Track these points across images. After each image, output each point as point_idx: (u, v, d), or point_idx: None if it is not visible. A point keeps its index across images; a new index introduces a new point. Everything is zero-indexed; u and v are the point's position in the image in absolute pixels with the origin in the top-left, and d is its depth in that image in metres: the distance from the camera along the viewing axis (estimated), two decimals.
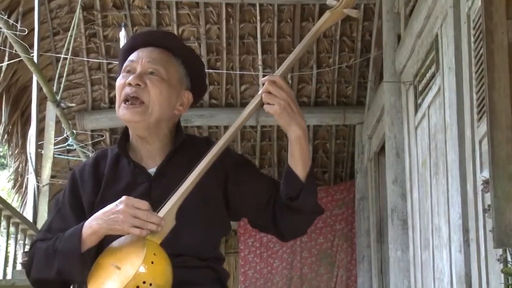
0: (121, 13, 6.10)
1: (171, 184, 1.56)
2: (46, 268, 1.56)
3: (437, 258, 3.71)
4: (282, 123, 1.57)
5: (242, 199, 1.66)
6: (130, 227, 1.46)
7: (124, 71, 1.68)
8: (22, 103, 6.10)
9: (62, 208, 1.67)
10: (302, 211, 1.60)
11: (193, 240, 1.59)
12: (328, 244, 6.88)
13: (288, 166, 1.60)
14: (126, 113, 1.64)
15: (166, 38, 1.75)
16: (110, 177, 1.65)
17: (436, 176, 3.76)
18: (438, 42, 3.72)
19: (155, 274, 1.42)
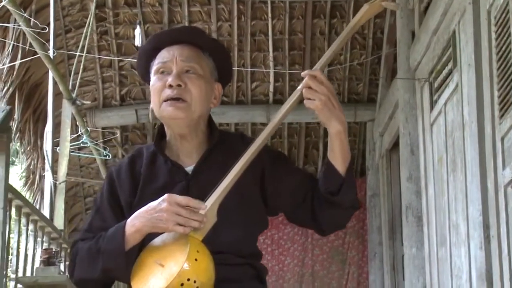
0: (133, 11, 6.10)
1: (209, 182, 1.57)
2: (90, 267, 1.57)
3: (455, 255, 3.71)
4: (322, 118, 1.57)
5: (279, 195, 1.66)
6: (174, 225, 1.47)
7: (158, 73, 1.68)
8: (34, 100, 6.10)
9: (100, 207, 1.67)
10: (342, 205, 1.61)
11: (232, 237, 1.59)
12: (339, 241, 6.87)
13: (328, 161, 1.60)
14: (170, 110, 1.64)
15: (192, 34, 1.75)
16: (147, 176, 1.66)
17: (454, 173, 3.76)
18: (455, 39, 3.71)
19: (199, 271, 1.43)
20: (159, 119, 1.71)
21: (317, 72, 1.56)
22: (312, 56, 6.48)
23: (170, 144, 1.71)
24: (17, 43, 5.28)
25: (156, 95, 1.66)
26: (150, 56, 1.72)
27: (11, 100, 5.67)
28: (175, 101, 1.64)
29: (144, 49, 1.75)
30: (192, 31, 1.80)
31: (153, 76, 1.68)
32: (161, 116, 1.67)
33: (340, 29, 6.35)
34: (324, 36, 6.35)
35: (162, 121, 1.70)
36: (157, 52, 1.70)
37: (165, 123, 1.71)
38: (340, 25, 6.32)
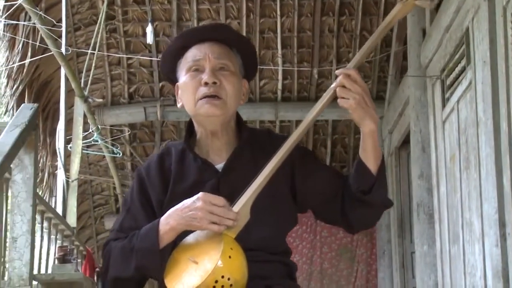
0: (142, 9, 6.10)
1: (238, 179, 1.57)
2: (124, 266, 1.57)
3: (468, 253, 3.70)
4: (355, 117, 1.57)
5: (309, 193, 1.66)
6: (208, 224, 1.47)
7: (190, 71, 1.68)
8: (43, 98, 6.11)
9: (131, 207, 1.67)
10: (373, 204, 1.61)
11: (263, 234, 1.59)
12: (348, 239, 6.87)
13: (360, 159, 1.60)
14: (207, 107, 1.64)
15: (221, 31, 1.75)
16: (177, 174, 1.66)
17: (467, 171, 3.75)
18: (469, 36, 3.70)
19: (233, 269, 1.43)
20: (193, 116, 1.70)
21: (352, 71, 1.56)
22: (321, 53, 6.48)
23: (200, 141, 1.71)
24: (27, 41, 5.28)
25: (190, 93, 1.66)
26: (177, 55, 1.71)
27: (20, 98, 5.68)
28: (212, 99, 1.64)
29: (171, 48, 1.75)
30: (221, 28, 1.80)
31: (184, 75, 1.68)
32: (196, 113, 1.67)
33: (348, 27, 6.35)
34: (333, 33, 6.35)
35: (196, 118, 1.70)
36: (184, 51, 1.70)
37: (197, 121, 1.70)
38: (349, 23, 6.32)
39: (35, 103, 5.97)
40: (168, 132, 7.13)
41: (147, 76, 6.61)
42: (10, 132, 1.94)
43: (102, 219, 7.70)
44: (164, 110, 6.54)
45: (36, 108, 2.13)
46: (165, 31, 6.27)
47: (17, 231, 2.05)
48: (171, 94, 6.66)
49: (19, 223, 2.05)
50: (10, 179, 2.17)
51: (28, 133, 2.06)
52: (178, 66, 1.72)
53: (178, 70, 1.72)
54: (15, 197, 2.09)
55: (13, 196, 2.07)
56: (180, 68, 1.71)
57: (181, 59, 1.71)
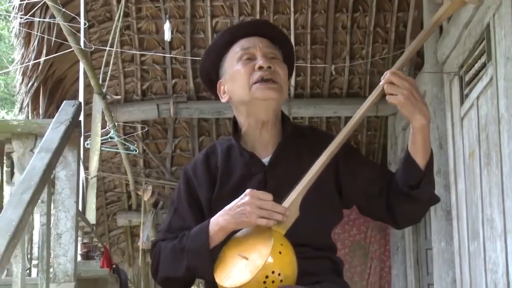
0: (156, 6, 6.10)
1: (284, 174, 1.58)
2: (174, 266, 1.58)
3: (489, 250, 3.70)
4: (405, 112, 1.56)
5: (354, 188, 1.66)
6: (257, 218, 1.47)
7: (241, 59, 1.69)
8: (57, 95, 6.12)
9: (179, 207, 1.68)
10: (420, 200, 1.60)
11: (310, 230, 1.60)
12: (361, 236, 6.87)
13: (409, 154, 1.60)
14: (264, 89, 1.64)
15: (266, 27, 1.77)
16: (224, 170, 1.67)
17: (488, 167, 3.74)
18: (490, 32, 3.69)
19: (283, 264, 1.43)
20: (246, 103, 1.69)
21: (398, 72, 1.56)
22: (334, 50, 6.47)
23: (247, 135, 1.72)
24: (43, 38, 5.29)
25: (244, 79, 1.67)
26: (221, 51, 1.72)
27: (35, 95, 5.69)
28: (267, 82, 1.65)
29: (216, 43, 1.76)
30: (265, 24, 1.81)
31: (235, 64, 1.69)
32: (251, 98, 1.67)
33: (362, 23, 6.34)
34: (346, 30, 6.34)
35: (248, 106, 1.69)
36: (229, 47, 1.71)
37: (249, 109, 1.69)
38: (363, 19, 6.31)
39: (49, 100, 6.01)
40: (181, 129, 7.14)
41: (160, 73, 6.62)
42: (55, 129, 1.94)
43: (115, 216, 7.71)
44: (177, 107, 6.55)
45: (78, 105, 2.13)
46: (178, 28, 6.26)
47: (62, 227, 2.06)
48: (183, 91, 6.67)
49: (63, 220, 2.06)
50: (54, 176, 2.18)
51: (72, 130, 2.06)
52: (223, 62, 1.72)
53: (222, 66, 1.72)
54: (59, 193, 2.10)
55: (57, 193, 2.08)
56: (227, 62, 1.72)
57: (226, 55, 1.72)
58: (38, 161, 1.74)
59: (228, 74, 1.71)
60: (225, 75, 1.72)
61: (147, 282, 7.96)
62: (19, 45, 5.53)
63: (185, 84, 6.63)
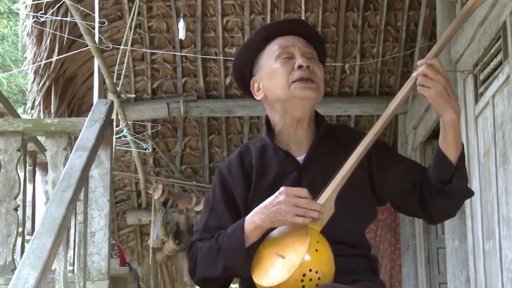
0: (167, 4, 6.10)
1: (319, 171, 1.58)
2: (212, 266, 1.58)
3: (506, 248, 3.69)
4: (436, 106, 1.57)
5: (387, 184, 1.66)
6: (293, 217, 1.47)
7: (280, 58, 1.69)
8: (68, 94, 6.13)
9: (214, 206, 1.68)
10: (454, 195, 1.61)
11: (346, 227, 1.60)
12: (371, 235, 6.86)
13: (440, 150, 1.60)
14: (303, 88, 1.65)
15: (303, 26, 1.79)
16: (259, 169, 1.67)
17: (504, 166, 3.74)
18: (506, 30, 3.68)
19: (320, 262, 1.43)
20: (282, 101, 1.69)
21: (435, 61, 1.57)
22: (345, 49, 6.47)
23: (281, 134, 1.72)
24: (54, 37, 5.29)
25: (283, 77, 1.67)
26: (257, 48, 1.73)
27: (47, 94, 5.70)
28: (307, 82, 1.66)
29: (251, 40, 1.76)
30: (302, 23, 1.83)
31: (274, 62, 1.69)
32: (290, 96, 1.67)
33: (373, 22, 6.34)
34: (357, 29, 6.33)
35: (286, 104, 1.69)
36: (265, 45, 1.71)
37: (286, 107, 1.69)
38: (374, 18, 6.30)
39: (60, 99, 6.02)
40: (191, 128, 7.14)
41: (171, 71, 6.62)
42: (90, 127, 1.95)
43: (124, 215, 7.71)
44: (187, 106, 6.55)
45: (110, 104, 2.14)
46: (189, 26, 6.26)
47: (95, 225, 2.06)
48: (193, 90, 6.67)
49: (97, 218, 2.06)
50: None
51: (106, 129, 2.07)
52: (259, 59, 1.73)
53: (258, 63, 1.73)
54: (92, 192, 2.11)
55: (90, 191, 2.08)
56: (263, 60, 1.72)
57: (262, 53, 1.72)
58: (76, 159, 1.74)
59: (264, 72, 1.71)
60: (260, 72, 1.72)
61: (156, 280, 7.97)
62: (31, 43, 5.53)
63: (195, 82, 6.64)
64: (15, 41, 14.83)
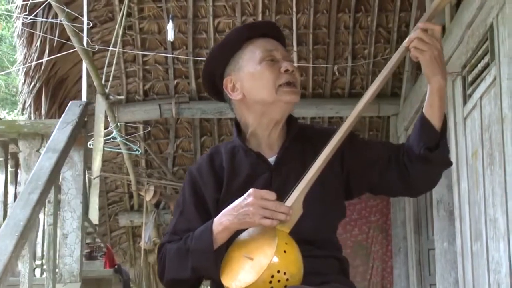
0: (158, 5, 6.10)
1: (290, 172, 1.58)
2: (181, 267, 1.58)
3: (492, 250, 3.69)
4: (427, 71, 1.58)
5: (363, 167, 1.68)
6: (261, 219, 1.47)
7: (264, 60, 1.69)
8: (59, 95, 6.12)
9: (184, 209, 1.68)
10: (438, 161, 1.62)
11: (314, 226, 1.60)
12: (363, 236, 6.87)
13: (424, 117, 1.61)
14: (290, 93, 1.69)
15: (278, 29, 1.79)
16: (230, 171, 1.67)
17: (491, 167, 3.74)
18: (493, 32, 3.69)
19: (288, 263, 1.43)
20: (264, 104, 1.70)
21: (437, 27, 1.58)
22: (336, 50, 6.47)
23: (254, 135, 1.73)
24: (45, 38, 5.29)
25: (270, 80, 1.68)
26: (235, 47, 1.73)
27: (38, 95, 5.69)
28: (293, 86, 1.69)
29: (230, 39, 1.76)
30: (277, 27, 1.85)
31: (257, 64, 1.70)
32: (276, 99, 1.68)
33: (364, 23, 6.34)
34: (349, 30, 6.33)
35: (269, 106, 1.70)
36: (241, 44, 1.71)
37: (266, 109, 1.70)
38: (365, 19, 6.30)
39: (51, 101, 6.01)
40: (183, 129, 7.14)
41: (162, 73, 6.62)
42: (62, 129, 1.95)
43: (116, 216, 7.71)
44: (179, 107, 6.54)
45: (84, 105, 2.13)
46: (180, 28, 6.26)
47: (68, 227, 2.06)
48: (185, 91, 6.67)
49: (69, 220, 2.06)
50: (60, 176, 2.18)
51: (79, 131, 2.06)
52: (236, 58, 1.72)
53: (236, 63, 1.72)
54: (65, 193, 2.10)
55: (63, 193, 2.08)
56: (243, 60, 1.72)
57: (239, 53, 1.72)
58: (45, 161, 1.74)
59: (246, 73, 1.71)
60: (240, 72, 1.72)
61: (148, 282, 7.96)
62: (22, 45, 5.53)
63: (187, 84, 6.63)
64: (13, 42, 14.85)
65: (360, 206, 6.91)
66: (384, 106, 6.67)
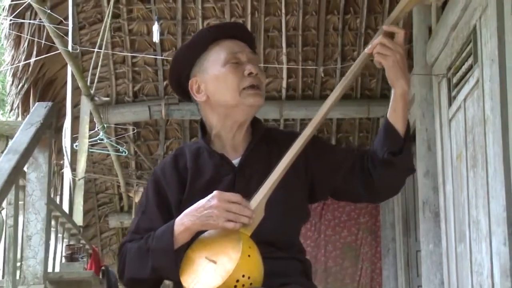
0: (147, 7, 6.09)
1: (254, 175, 1.58)
2: (140, 267, 1.58)
3: (475, 251, 3.70)
4: (391, 76, 1.60)
5: (327, 172, 1.68)
6: (225, 222, 1.47)
7: (230, 62, 1.69)
8: (48, 97, 6.11)
9: (147, 209, 1.68)
10: (402, 166, 1.62)
11: (275, 228, 1.60)
12: (352, 237, 6.88)
13: (389, 122, 1.62)
14: (254, 96, 1.68)
15: (247, 31, 1.79)
16: (194, 172, 1.67)
17: (474, 169, 3.74)
18: (476, 34, 3.69)
19: (252, 267, 1.43)
20: (228, 106, 1.69)
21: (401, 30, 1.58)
22: (326, 52, 6.48)
23: (218, 136, 1.73)
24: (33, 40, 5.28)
25: (233, 83, 1.67)
26: (201, 48, 1.72)
27: (26, 97, 5.68)
28: (257, 89, 1.68)
29: (196, 40, 1.75)
30: (245, 28, 1.84)
31: (222, 66, 1.69)
32: (240, 102, 1.68)
33: (353, 25, 6.35)
34: (338, 32, 6.34)
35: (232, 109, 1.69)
36: (207, 46, 1.71)
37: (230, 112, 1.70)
38: (354, 21, 6.31)
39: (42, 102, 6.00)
40: (173, 131, 7.14)
41: (152, 74, 6.62)
42: (25, 130, 1.94)
43: (106, 218, 7.70)
44: (169, 109, 6.55)
45: (51, 107, 2.13)
46: (170, 29, 6.27)
47: (32, 229, 2.05)
48: (175, 93, 6.65)
49: (34, 222, 2.05)
50: (25, 177, 2.17)
51: (43, 132, 2.06)
52: (201, 60, 1.71)
53: (201, 64, 1.72)
54: (29, 195, 2.09)
55: (27, 195, 2.07)
56: (208, 61, 1.71)
57: (205, 54, 1.71)
58: (5, 163, 1.73)
59: (210, 75, 1.70)
60: (204, 74, 1.71)
61: None
62: (9, 46, 5.52)
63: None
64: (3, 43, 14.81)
65: (350, 207, 6.92)
66: (373, 107, 6.68)
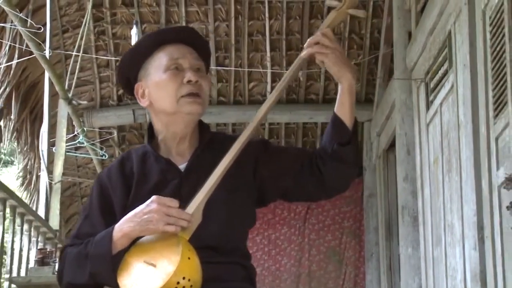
0: (130, 11, 6.09)
1: (201, 179, 1.58)
2: (78, 272, 1.57)
3: (450, 255, 3.71)
4: (336, 71, 1.61)
5: (277, 172, 1.68)
6: (165, 225, 1.47)
7: (170, 69, 1.68)
8: (31, 100, 6.10)
9: (90, 213, 1.67)
10: (348, 159, 1.63)
11: (216, 232, 1.60)
12: (336, 242, 6.88)
13: (336, 115, 1.63)
14: (192, 104, 1.66)
15: (194, 35, 1.77)
16: (140, 176, 1.66)
17: (449, 174, 3.76)
18: (451, 39, 3.71)
19: (192, 270, 1.44)
20: (167, 114, 1.68)
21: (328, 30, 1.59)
22: None
23: (163, 143, 1.72)
24: (14, 43, 5.27)
25: (172, 90, 1.66)
26: (146, 53, 1.70)
27: (7, 100, 5.67)
28: (195, 97, 1.66)
29: (141, 45, 1.74)
30: (193, 32, 1.81)
31: (162, 72, 1.68)
32: (177, 111, 1.66)
33: (337, 29, 6.32)
34: None
35: (171, 116, 1.68)
36: (152, 51, 1.70)
37: (170, 120, 1.68)
38: (338, 25, 6.29)
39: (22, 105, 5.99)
40: None
41: None
42: None
43: None
44: None
45: None
46: None
47: None
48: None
49: None
50: None
51: None
52: (146, 64, 1.71)
53: (145, 69, 1.70)
54: None
55: None
56: (152, 67, 1.69)
57: (150, 59, 1.70)
58: None
59: (152, 80, 1.69)
60: (148, 79, 1.70)
61: None
62: None
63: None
64: None
65: (334, 211, 6.92)
66: (358, 112, 6.56)
